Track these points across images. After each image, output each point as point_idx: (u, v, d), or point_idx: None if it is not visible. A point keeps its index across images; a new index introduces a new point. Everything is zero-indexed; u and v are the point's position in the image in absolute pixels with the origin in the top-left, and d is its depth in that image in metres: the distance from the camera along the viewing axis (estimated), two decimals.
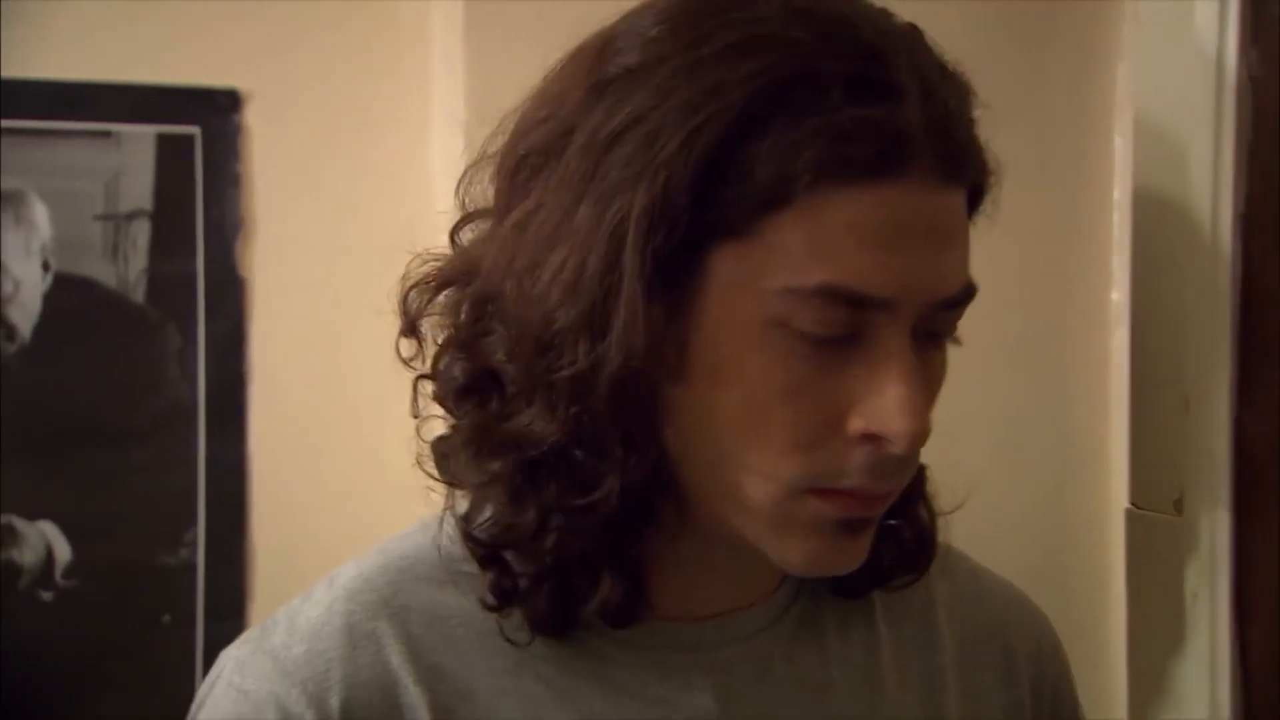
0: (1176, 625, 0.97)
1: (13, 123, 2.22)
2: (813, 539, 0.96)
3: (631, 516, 0.98)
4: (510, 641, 1.02)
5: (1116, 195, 1.87)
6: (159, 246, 2.27)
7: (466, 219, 1.08)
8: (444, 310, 1.06)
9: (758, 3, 0.93)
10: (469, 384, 1.02)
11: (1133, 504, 1.05)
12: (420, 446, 1.06)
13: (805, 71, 0.90)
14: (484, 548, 1.01)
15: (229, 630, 2.03)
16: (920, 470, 1.12)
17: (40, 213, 2.23)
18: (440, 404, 1.04)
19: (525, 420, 0.97)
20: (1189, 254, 0.94)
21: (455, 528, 1.03)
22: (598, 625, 1.02)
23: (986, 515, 2.14)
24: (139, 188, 2.26)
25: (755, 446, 0.94)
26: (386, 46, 2.30)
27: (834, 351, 0.92)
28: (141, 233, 2.27)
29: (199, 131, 2.28)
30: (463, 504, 1.04)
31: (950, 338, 0.99)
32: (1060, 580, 1.89)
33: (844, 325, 0.91)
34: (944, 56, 0.97)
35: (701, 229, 0.91)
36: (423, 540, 1.07)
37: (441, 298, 1.06)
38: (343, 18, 2.30)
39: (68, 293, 2.24)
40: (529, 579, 1.00)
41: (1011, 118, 2.18)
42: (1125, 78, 1.80)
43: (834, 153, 0.89)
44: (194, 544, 2.29)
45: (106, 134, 2.25)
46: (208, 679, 1.03)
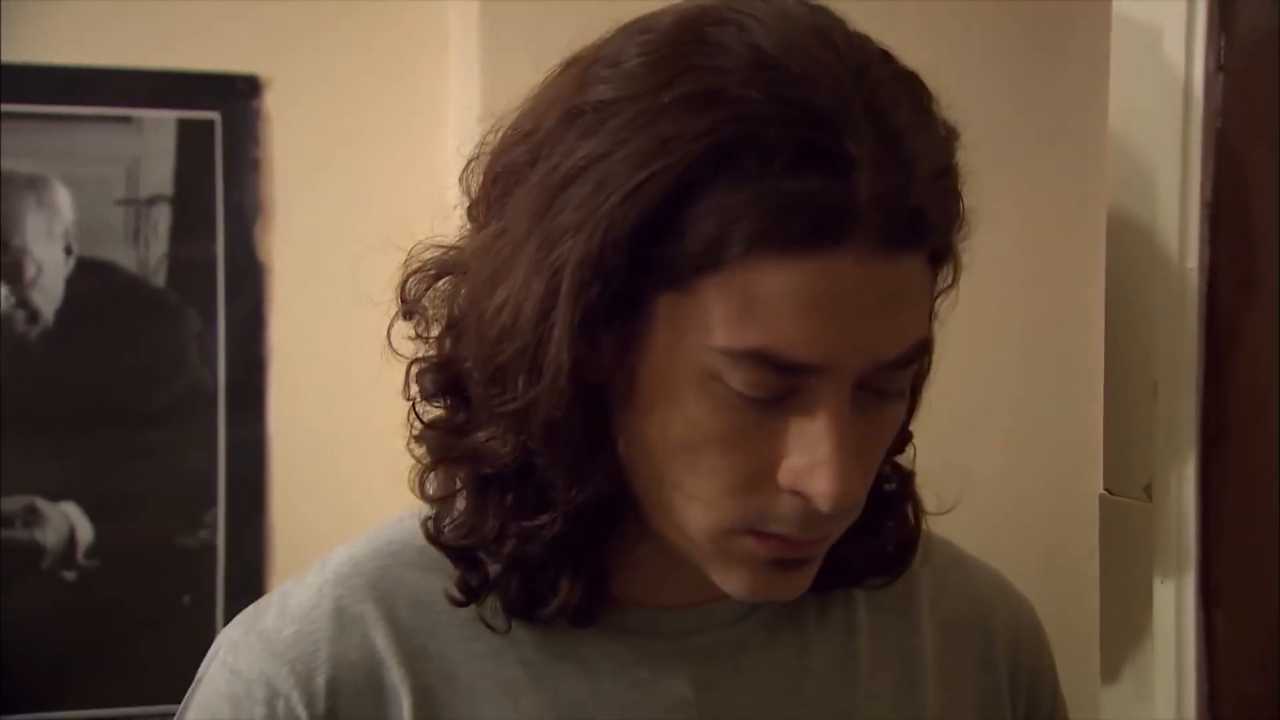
0: (1145, 608, 0.97)
1: (35, 107, 2.26)
2: (749, 571, 0.97)
3: (587, 528, 1.00)
4: (490, 627, 1.03)
5: None
6: (179, 231, 2.30)
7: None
8: (436, 301, 1.07)
9: (730, 50, 0.91)
10: (436, 394, 1.04)
11: (1106, 489, 1.05)
12: (411, 430, 1.07)
13: (751, 135, 0.88)
14: (449, 549, 1.03)
15: None
16: (907, 475, 1.12)
17: (63, 197, 2.27)
18: (413, 408, 1.06)
19: (484, 437, 0.99)
20: (1158, 244, 0.95)
21: (425, 527, 1.05)
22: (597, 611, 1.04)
23: (995, 506, 2.15)
24: (159, 173, 2.30)
25: (692, 483, 0.96)
26: (404, 33, 2.32)
27: (770, 405, 0.92)
28: (162, 217, 2.30)
29: (219, 117, 2.31)
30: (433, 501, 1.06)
31: (901, 395, 0.96)
32: (1068, 570, 1.89)
33: (776, 387, 0.91)
34: (933, 106, 0.95)
35: (646, 275, 0.93)
36: (412, 525, 1.08)
37: (441, 285, 1.07)
38: (361, 5, 2.32)
39: (89, 276, 2.28)
40: (498, 573, 1.02)
41: (1024, 118, 2.19)
42: None
43: (769, 223, 0.87)
44: (214, 525, 2.32)
45: (128, 119, 2.29)
46: (206, 658, 1.06)
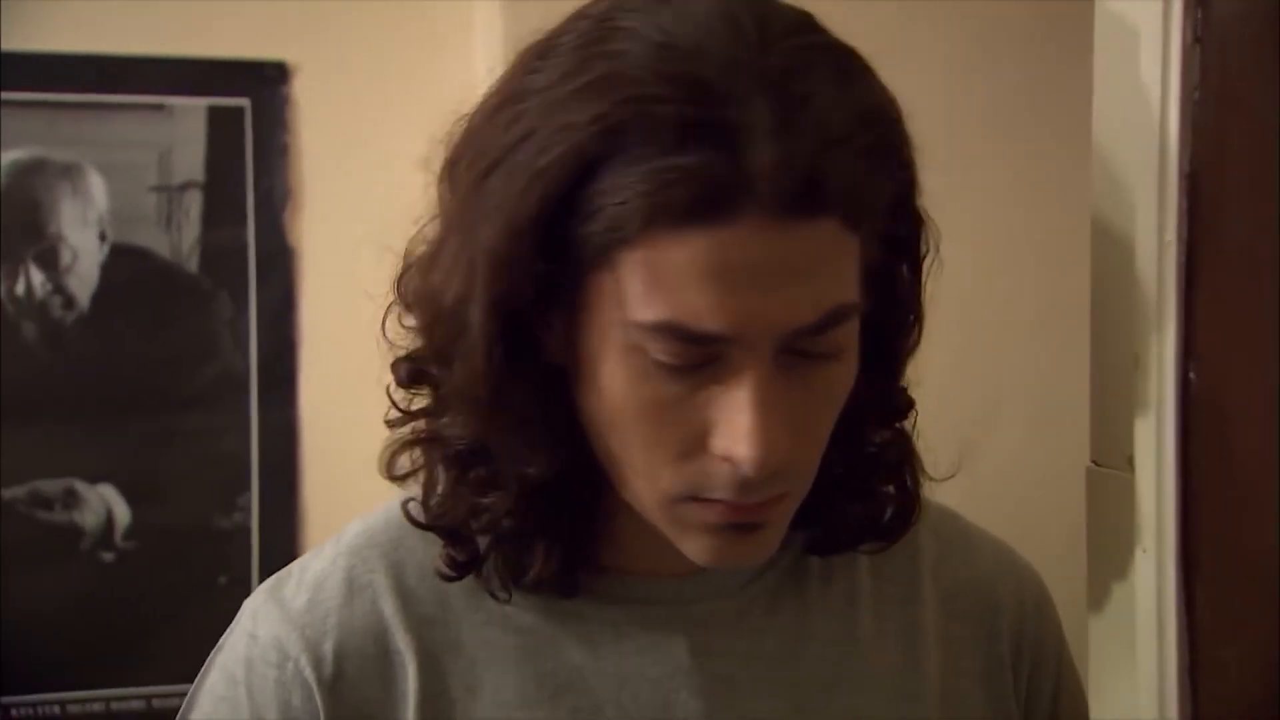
0: (1128, 579, 0.98)
1: (69, 96, 2.29)
2: (706, 537, 0.99)
3: (557, 501, 1.02)
4: (494, 597, 1.06)
5: None
6: (211, 217, 2.34)
7: None
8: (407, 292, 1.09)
9: (637, 35, 0.93)
10: (408, 382, 1.07)
11: (1093, 461, 1.06)
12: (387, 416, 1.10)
13: (640, 114, 0.90)
14: (431, 529, 1.06)
15: None
16: (906, 440, 1.13)
17: (97, 184, 2.30)
18: (389, 394, 1.09)
19: (446, 421, 1.03)
20: (1138, 217, 0.95)
21: (405, 510, 1.07)
22: (579, 580, 1.06)
23: (1020, 484, 2.16)
24: (191, 159, 2.33)
25: (631, 455, 0.98)
26: (431, 19, 2.33)
27: (696, 374, 0.94)
28: (194, 203, 2.33)
29: (249, 104, 2.34)
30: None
31: (837, 355, 0.96)
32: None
33: (694, 356, 0.93)
34: (860, 76, 0.96)
35: (568, 256, 0.95)
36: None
37: (408, 275, 1.09)
38: None
39: (123, 262, 2.32)
40: (486, 546, 1.04)
41: (1039, 108, 2.19)
42: None
43: (660, 198, 0.88)
44: (248, 507, 2.36)
45: (159, 107, 2.32)
46: (232, 624, 1.10)
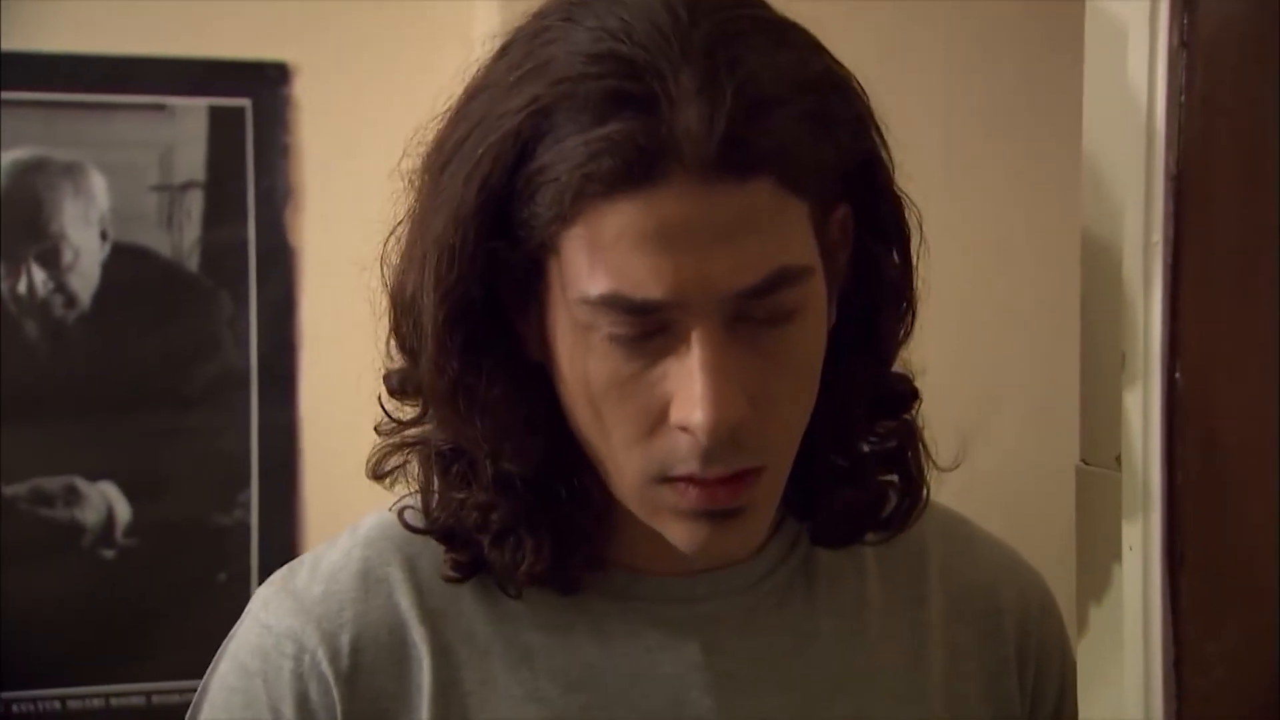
0: (1115, 577, 0.99)
1: (70, 96, 2.30)
2: (684, 524, 1.00)
3: (540, 495, 1.04)
4: (506, 593, 1.07)
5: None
6: (212, 216, 2.35)
7: None
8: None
9: (577, 26, 0.96)
10: (399, 391, 1.09)
11: (1082, 460, 1.07)
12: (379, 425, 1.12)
13: (565, 95, 0.93)
14: (427, 533, 1.07)
15: None
16: (910, 431, 1.14)
17: (98, 184, 2.31)
18: (381, 404, 1.11)
19: (429, 425, 1.07)
20: (1126, 218, 0.96)
21: (401, 518, 1.09)
22: (592, 577, 1.07)
23: (1020, 479, 2.16)
24: (192, 159, 2.34)
25: (602, 440, 1.00)
26: (432, 19, 2.34)
27: (649, 348, 0.96)
28: (195, 203, 2.34)
29: (250, 104, 2.35)
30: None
31: (790, 320, 0.98)
32: None
33: (642, 327, 0.95)
34: (798, 45, 0.99)
35: (518, 244, 0.97)
36: None
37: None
38: None
39: (125, 261, 2.33)
40: (486, 545, 1.06)
41: (1040, 108, 2.20)
42: None
43: (589, 168, 0.92)
44: (248, 504, 2.37)
45: (160, 107, 2.33)
46: (243, 614, 1.11)
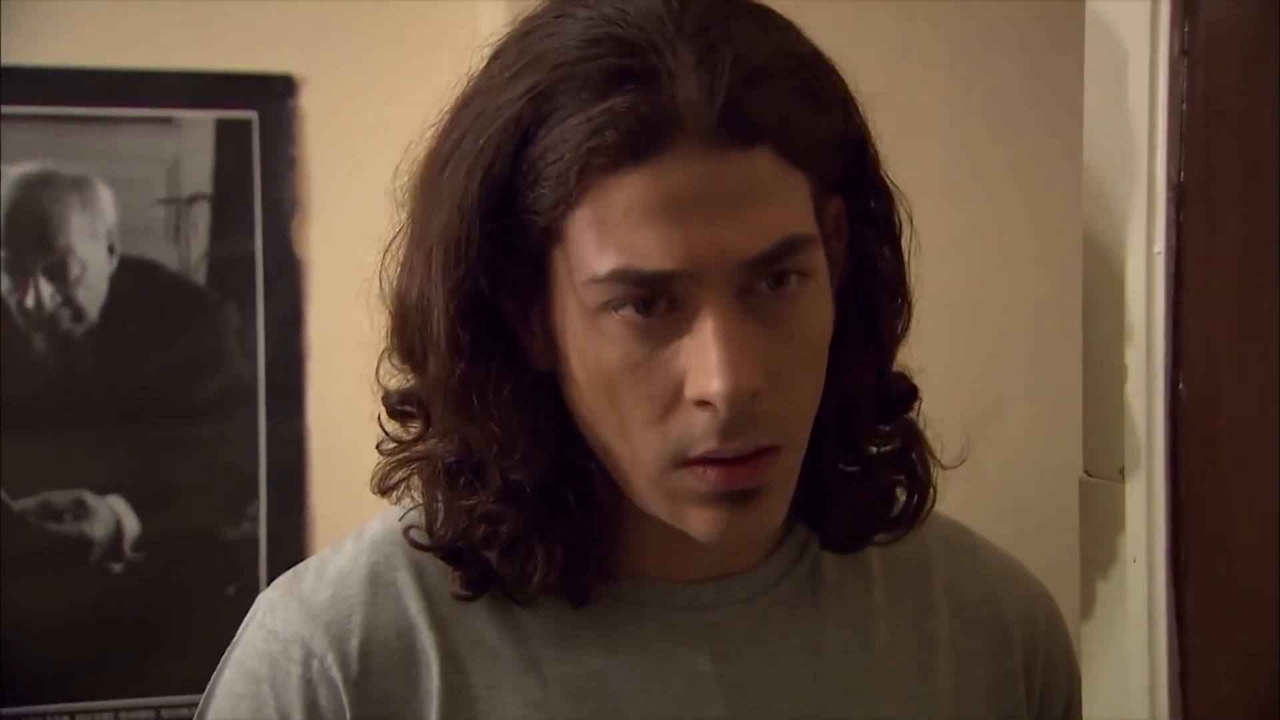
0: (1120, 589, 0.98)
1: (76, 109, 2.31)
2: (705, 510, 0.99)
3: (550, 504, 1.03)
4: (514, 600, 1.06)
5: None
6: (219, 229, 2.35)
7: None
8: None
9: (571, 19, 0.97)
10: (396, 410, 1.08)
11: (1086, 472, 1.07)
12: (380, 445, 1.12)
13: (564, 78, 0.94)
14: (436, 551, 1.06)
15: None
16: (913, 431, 1.13)
17: (105, 197, 2.32)
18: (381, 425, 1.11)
19: (434, 439, 1.06)
20: (1128, 228, 0.96)
21: (408, 537, 1.08)
22: (600, 585, 1.07)
23: (1025, 485, 2.16)
24: (199, 172, 2.34)
25: (620, 433, 0.99)
26: (437, 31, 2.34)
27: (661, 327, 0.95)
28: (202, 216, 2.35)
29: (256, 116, 2.36)
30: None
31: (801, 281, 0.98)
32: None
33: (653, 299, 0.95)
34: (782, 26, 1.00)
35: (523, 234, 0.97)
36: None
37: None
38: (394, 4, 2.35)
39: (132, 275, 2.34)
40: (494, 559, 1.05)
41: (1046, 108, 2.19)
42: None
43: (593, 143, 0.92)
44: (256, 517, 2.37)
45: (167, 120, 2.34)
46: (245, 620, 1.10)
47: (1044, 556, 1.29)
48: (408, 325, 1.03)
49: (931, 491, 1.14)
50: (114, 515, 2.33)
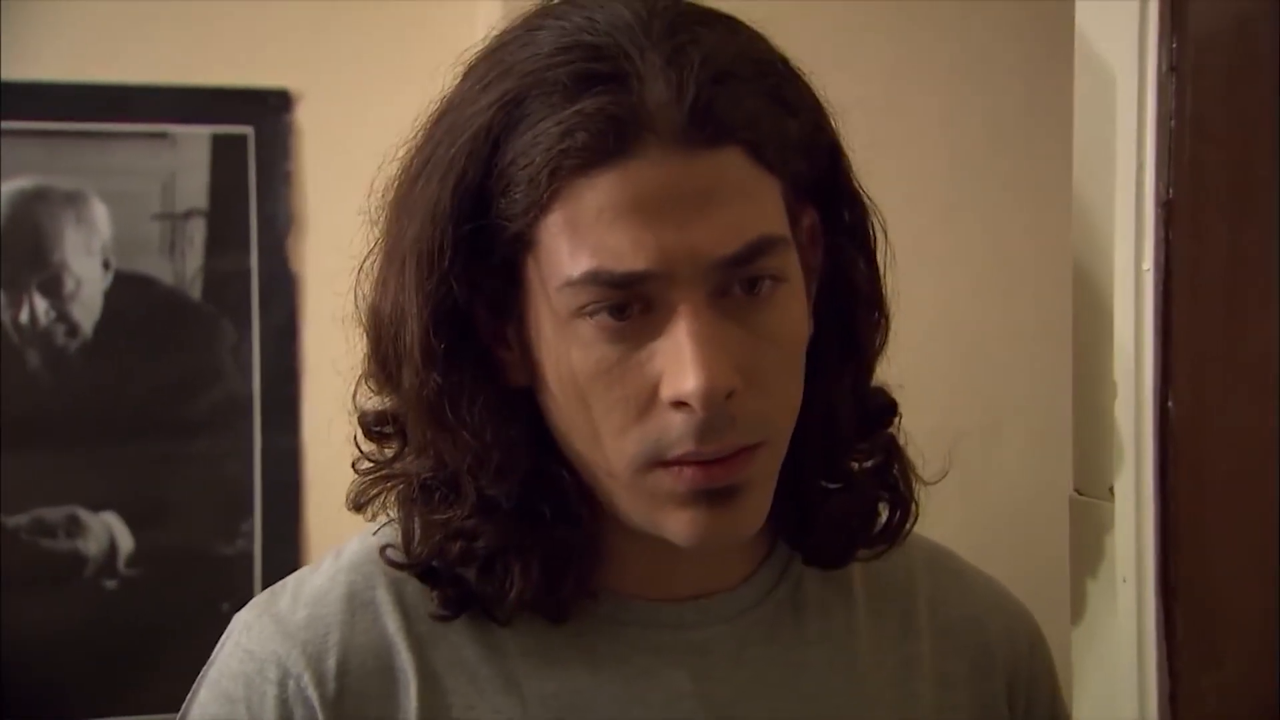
0: (1110, 608, 0.98)
1: (72, 125, 2.31)
2: (683, 510, 0.99)
3: (527, 520, 1.03)
4: (493, 619, 1.06)
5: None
6: (214, 244, 2.35)
7: None
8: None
9: (541, 29, 0.99)
10: (376, 428, 1.08)
11: (1076, 490, 1.06)
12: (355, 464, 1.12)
13: (533, 84, 0.95)
14: (412, 571, 1.06)
15: None
16: (893, 446, 1.13)
17: (100, 213, 2.32)
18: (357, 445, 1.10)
19: (410, 457, 1.05)
20: (1117, 246, 0.96)
21: (385, 557, 1.07)
22: (581, 603, 1.06)
23: (1021, 501, 2.16)
24: (194, 187, 2.34)
25: (595, 440, 0.99)
26: (434, 46, 2.33)
27: (634, 330, 0.95)
28: (197, 231, 2.34)
29: (252, 131, 2.35)
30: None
31: (775, 286, 0.98)
32: None
33: (626, 302, 0.95)
34: (748, 32, 1.00)
35: (496, 242, 0.98)
36: None
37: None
38: (390, 19, 2.35)
39: (127, 290, 2.33)
40: (472, 577, 1.04)
41: (1045, 118, 2.19)
42: None
43: (564, 145, 0.93)
44: (250, 533, 2.36)
45: (163, 135, 2.34)
46: (221, 639, 1.09)
47: (1039, 574, 1.29)
48: (382, 339, 1.03)
49: (914, 507, 1.13)
50: (108, 531, 2.32)
